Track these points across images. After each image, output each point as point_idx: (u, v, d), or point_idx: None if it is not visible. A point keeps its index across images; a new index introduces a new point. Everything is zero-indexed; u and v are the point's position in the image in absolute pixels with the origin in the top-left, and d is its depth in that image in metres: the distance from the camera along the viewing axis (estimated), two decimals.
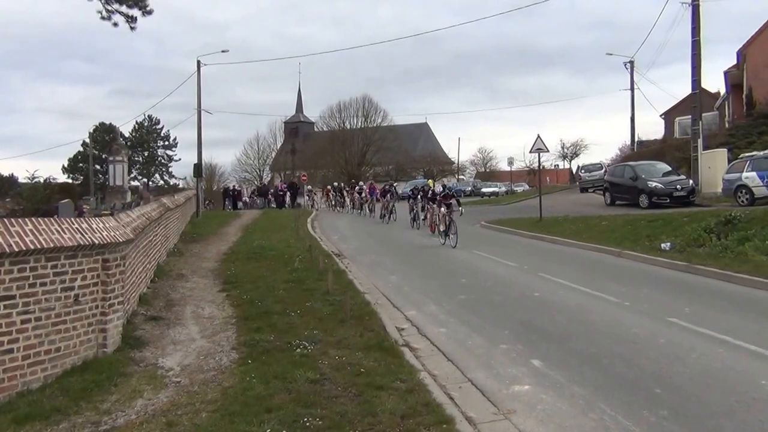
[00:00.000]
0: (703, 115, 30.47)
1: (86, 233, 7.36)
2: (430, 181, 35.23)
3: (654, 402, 6.20)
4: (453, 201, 20.04)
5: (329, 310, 9.84)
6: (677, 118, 47.33)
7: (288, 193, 47.77)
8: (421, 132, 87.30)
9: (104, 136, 74.64)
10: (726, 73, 41.47)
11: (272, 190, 51.34)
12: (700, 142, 26.63)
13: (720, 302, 10.17)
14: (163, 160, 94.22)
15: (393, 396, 6.21)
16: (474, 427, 5.68)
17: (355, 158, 76.53)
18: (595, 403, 6.23)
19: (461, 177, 79.47)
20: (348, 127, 79.30)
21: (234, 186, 59.89)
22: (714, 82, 64.09)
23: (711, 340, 8.32)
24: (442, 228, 20.06)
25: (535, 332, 9.00)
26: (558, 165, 78.82)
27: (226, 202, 49.73)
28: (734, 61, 40.01)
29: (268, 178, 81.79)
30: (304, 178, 53.88)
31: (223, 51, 37.29)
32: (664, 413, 5.91)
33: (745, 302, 10.49)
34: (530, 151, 29.69)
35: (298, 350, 7.75)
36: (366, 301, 10.73)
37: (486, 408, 6.20)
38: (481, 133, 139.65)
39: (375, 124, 78.71)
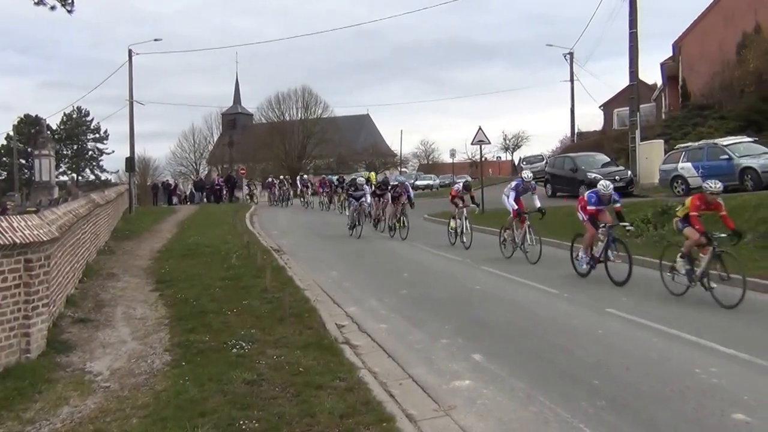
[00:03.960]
0: (641, 106, 31.11)
1: (6, 232, 6.98)
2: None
3: (592, 393, 6.20)
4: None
5: (267, 308, 9.61)
6: (616, 110, 48.35)
7: (225, 188, 47.01)
8: (363, 124, 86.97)
9: (29, 128, 71.98)
10: (662, 65, 42.42)
11: (209, 185, 50.32)
12: (637, 133, 27.15)
13: (657, 292, 10.30)
14: (93, 154, 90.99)
15: (332, 395, 6.06)
16: (414, 425, 5.58)
17: (295, 151, 75.60)
18: (534, 396, 6.20)
19: (404, 169, 79.58)
20: (288, 118, 78.13)
21: (167, 180, 58.51)
22: (651, 74, 65.92)
23: (648, 329, 8.42)
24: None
25: (476, 326, 8.97)
26: (500, 157, 79.71)
27: (157, 198, 48.56)
28: (670, 54, 40.97)
29: (205, 172, 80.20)
30: (243, 171, 53.02)
31: (155, 40, 36.25)
32: (602, 404, 5.92)
33: None
34: (472, 143, 29.88)
35: (235, 350, 7.53)
36: (305, 297, 10.53)
37: (427, 404, 6.11)
38: (424, 125, 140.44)
39: (316, 116, 77.74)
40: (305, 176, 37.41)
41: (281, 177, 41.93)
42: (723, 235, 9.76)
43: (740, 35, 33.73)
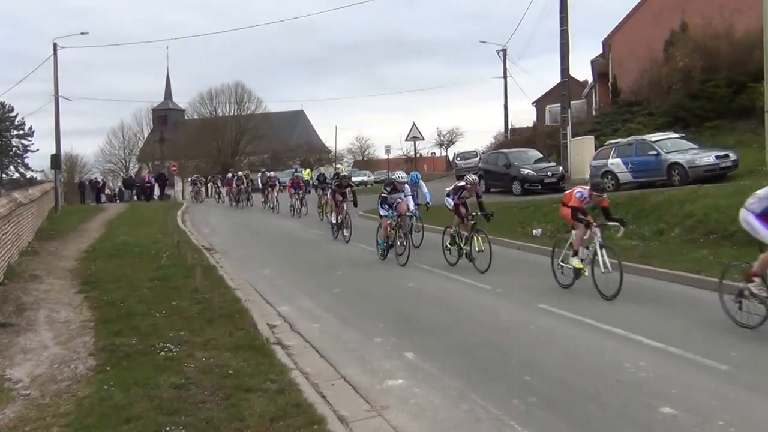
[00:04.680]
0: (572, 103, 31.68)
1: None
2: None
3: (524, 390, 6.23)
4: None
5: (197, 309, 9.36)
6: (548, 106, 49.26)
7: (156, 185, 45.98)
8: (298, 120, 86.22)
9: None
10: (593, 62, 43.33)
11: (139, 182, 49.08)
12: (569, 129, 27.61)
13: (587, 287, 10.44)
14: (18, 151, 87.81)
15: (263, 398, 5.92)
16: (346, 426, 5.49)
17: (228, 147, 74.49)
18: (467, 394, 6.19)
19: (339, 165, 79.34)
20: (220, 114, 77.04)
21: (96, 178, 56.82)
22: (583, 71, 67.27)
23: (579, 325, 8.53)
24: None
25: (409, 324, 8.94)
26: (435, 153, 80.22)
27: (85, 196, 47.15)
28: (601, 51, 41.88)
29: (135, 169, 78.24)
30: (174, 168, 51.91)
31: (82, 33, 35.41)
32: (533, 400, 5.95)
33: None
34: (406, 139, 30.06)
35: (162, 353, 7.30)
36: (236, 297, 10.32)
37: (359, 405, 6.03)
38: (359, 121, 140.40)
39: (249, 112, 76.85)
40: (270, 174, 32.37)
41: (239, 173, 36.17)
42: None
43: (668, 33, 34.68)
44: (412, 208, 14.80)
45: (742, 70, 28.64)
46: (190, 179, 44.99)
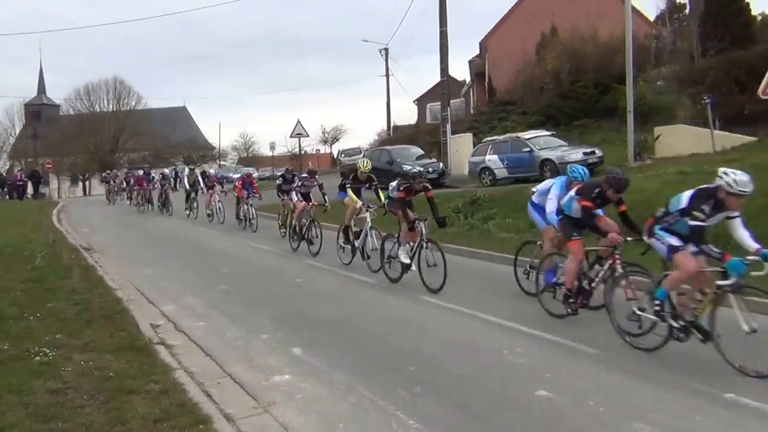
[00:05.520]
0: (451, 101, 32.50)
1: None
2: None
3: (409, 380, 6.41)
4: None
5: (75, 311, 9.00)
6: (429, 104, 50.40)
7: (30, 183, 43.60)
8: (180, 117, 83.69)
9: None
10: (470, 63, 44.71)
11: (11, 181, 46.39)
12: (448, 127, 28.32)
13: (469, 278, 10.82)
14: None
15: (146, 399, 5.80)
16: (233, 424, 5.47)
17: (107, 144, 71.55)
18: (354, 386, 6.30)
19: (223, 163, 77.82)
20: (98, 110, 73.91)
21: None
22: (462, 71, 69.17)
23: (462, 315, 8.84)
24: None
25: (296, 319, 8.97)
26: (319, 150, 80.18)
27: None
28: (478, 52, 43.19)
29: (6, 167, 73.77)
30: (49, 166, 49.42)
31: None
32: (417, 390, 6.14)
33: (490, 277, 11.25)
34: (291, 136, 30.04)
35: (38, 358, 6.98)
36: (117, 297, 10.00)
37: (245, 402, 6.02)
38: (244, 118, 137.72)
39: (128, 108, 74.20)
40: (212, 171, 26.88)
41: (166, 171, 29.65)
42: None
43: (539, 36, 36.28)
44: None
45: (606, 72, 30.63)
46: (103, 175, 42.00)
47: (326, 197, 15.00)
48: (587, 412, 5.51)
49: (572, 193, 8.29)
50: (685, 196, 6.64)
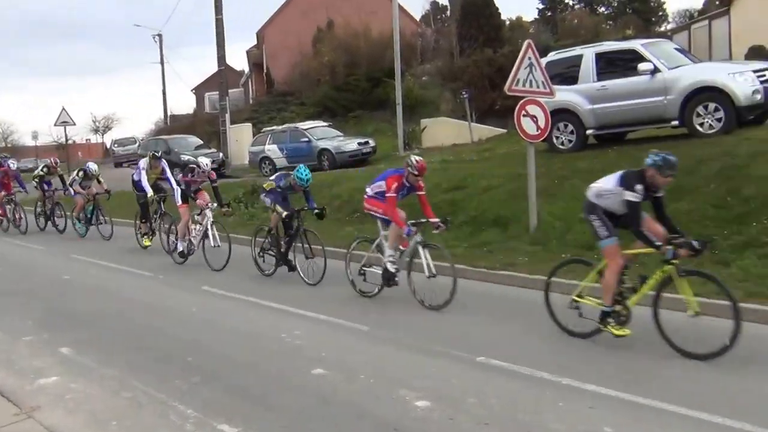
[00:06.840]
0: (230, 91, 32.14)
1: None
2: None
3: (187, 370, 6.35)
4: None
5: None
6: (207, 94, 49.21)
7: None
8: None
9: None
10: (248, 53, 44.30)
11: None
12: (227, 116, 28.00)
13: (249, 267, 10.68)
14: None
15: None
16: None
17: None
18: (128, 381, 6.12)
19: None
20: None
21: None
22: (241, 61, 68.13)
23: (241, 303, 8.90)
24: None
25: (64, 318, 8.50)
26: (90, 139, 75.36)
27: None
28: (255, 42, 42.91)
29: None
30: None
31: None
32: (196, 379, 6.10)
33: None
34: (55, 124, 28.05)
35: None
36: None
37: (6, 410, 5.57)
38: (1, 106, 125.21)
39: None
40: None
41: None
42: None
43: (315, 29, 36.91)
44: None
45: (378, 66, 32.20)
46: None
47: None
48: (360, 385, 5.81)
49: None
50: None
